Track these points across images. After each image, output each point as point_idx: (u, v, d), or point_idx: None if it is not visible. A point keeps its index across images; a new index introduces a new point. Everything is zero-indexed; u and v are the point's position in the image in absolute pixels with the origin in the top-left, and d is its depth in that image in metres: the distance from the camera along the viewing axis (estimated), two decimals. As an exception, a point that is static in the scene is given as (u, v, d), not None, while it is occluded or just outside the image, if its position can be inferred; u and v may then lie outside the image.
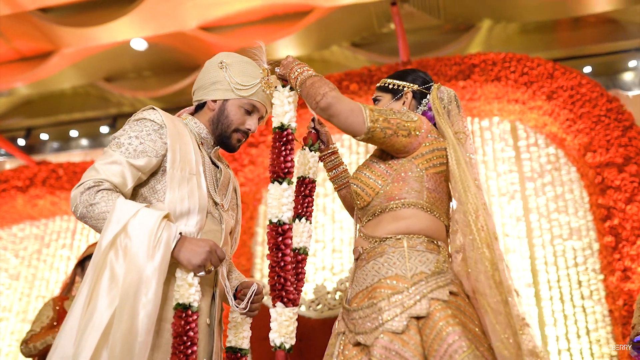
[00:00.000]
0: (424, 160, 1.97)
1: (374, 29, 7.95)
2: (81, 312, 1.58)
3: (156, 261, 1.65)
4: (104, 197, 1.71)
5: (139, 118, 1.91)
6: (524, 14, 7.56)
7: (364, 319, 1.82)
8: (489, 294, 1.75)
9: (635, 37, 7.76)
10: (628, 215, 5.48)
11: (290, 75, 1.99)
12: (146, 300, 1.61)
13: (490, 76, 6.39)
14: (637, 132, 5.83)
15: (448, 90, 2.17)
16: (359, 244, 2.03)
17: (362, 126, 1.90)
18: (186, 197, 1.83)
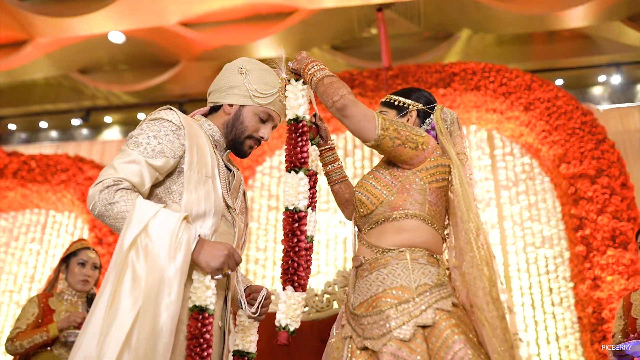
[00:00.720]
0: (428, 174, 2.05)
1: (354, 33, 8.01)
2: (104, 312, 1.56)
3: (178, 262, 1.64)
4: (123, 197, 1.70)
5: (157, 118, 1.89)
6: (502, 26, 7.72)
7: (372, 325, 1.88)
8: (486, 309, 1.84)
9: (607, 53, 8.01)
10: (599, 226, 5.67)
11: (306, 71, 2.03)
12: (169, 301, 1.61)
13: (470, 85, 6.52)
14: (609, 146, 6.04)
15: (451, 112, 2.26)
16: (360, 252, 2.09)
17: (373, 132, 1.96)
18: (202, 200, 1.83)
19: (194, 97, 8.79)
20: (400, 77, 6.75)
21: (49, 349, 3.21)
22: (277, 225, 6.85)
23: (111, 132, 9.68)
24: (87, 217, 6.87)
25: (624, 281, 5.43)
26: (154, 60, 8.43)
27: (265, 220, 6.93)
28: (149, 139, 1.82)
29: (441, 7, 7.39)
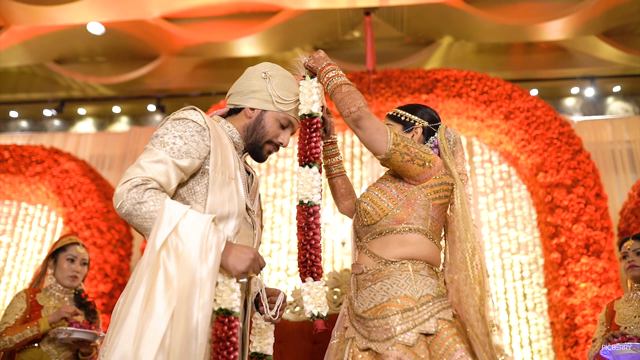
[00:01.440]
0: (432, 191, 2.12)
1: (337, 35, 8.05)
2: (139, 312, 1.56)
3: (210, 263, 1.65)
4: (152, 197, 1.69)
5: (181, 117, 1.88)
6: (482, 35, 7.86)
7: (377, 328, 1.97)
8: (476, 325, 1.97)
9: (581, 66, 8.24)
10: (574, 234, 5.83)
11: (323, 73, 2.08)
12: (203, 302, 1.61)
13: (452, 92, 6.62)
14: (585, 157, 6.21)
15: (454, 132, 2.34)
16: (362, 260, 2.16)
17: (384, 146, 2.03)
18: (226, 201, 1.83)
19: (173, 92, 8.71)
20: (384, 82, 6.81)
21: (36, 345, 3.15)
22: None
23: (85, 124, 9.52)
24: (62, 210, 6.74)
25: (597, 288, 5.59)
26: (133, 54, 8.32)
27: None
28: (174, 138, 1.81)
29: (424, 14, 7.48)
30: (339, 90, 2.03)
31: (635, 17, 7.60)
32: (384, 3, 6.90)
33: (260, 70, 2.08)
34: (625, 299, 3.27)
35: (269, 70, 2.08)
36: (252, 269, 1.74)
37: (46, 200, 7.13)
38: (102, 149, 8.21)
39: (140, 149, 8.01)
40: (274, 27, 7.60)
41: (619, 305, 3.29)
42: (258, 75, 2.07)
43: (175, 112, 1.92)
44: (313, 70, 2.11)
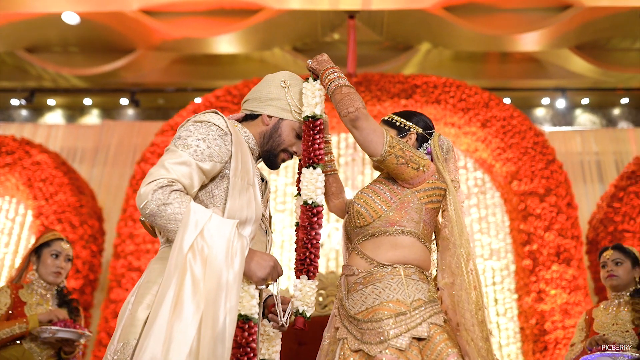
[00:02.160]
0: (425, 195, 2.16)
1: (317, 37, 8.06)
2: (168, 315, 1.56)
3: (236, 268, 1.66)
4: (177, 199, 1.68)
5: (203, 120, 1.88)
6: (460, 43, 7.98)
7: (371, 331, 1.99)
8: (472, 330, 2.03)
9: (553, 78, 8.44)
10: (546, 242, 5.98)
11: (325, 75, 2.09)
12: (230, 306, 1.62)
13: (431, 98, 6.71)
14: (558, 166, 6.38)
15: (447, 140, 2.39)
16: (354, 262, 2.18)
17: (380, 147, 2.06)
18: (245, 207, 1.84)
19: (148, 86, 8.59)
20: (364, 85, 6.85)
21: (18, 342, 3.09)
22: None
23: (53, 116, 9.31)
24: (32, 203, 6.57)
25: (566, 295, 5.74)
26: (108, 46, 8.17)
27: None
28: (198, 141, 1.81)
29: (404, 19, 7.56)
30: (339, 91, 2.05)
31: (606, 32, 7.83)
32: (366, 7, 6.96)
33: (279, 79, 2.09)
34: (604, 307, 3.37)
35: (288, 79, 2.10)
36: (271, 276, 1.76)
37: (15, 192, 6.94)
38: (74, 142, 8.04)
39: (113, 142, 7.88)
40: (254, 26, 7.57)
41: (597, 312, 3.39)
42: (277, 83, 2.09)
43: (196, 114, 1.92)
44: (316, 72, 2.12)
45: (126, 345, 1.66)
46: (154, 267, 1.79)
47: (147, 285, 1.76)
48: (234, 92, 6.82)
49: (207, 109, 6.66)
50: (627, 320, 3.19)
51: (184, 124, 1.91)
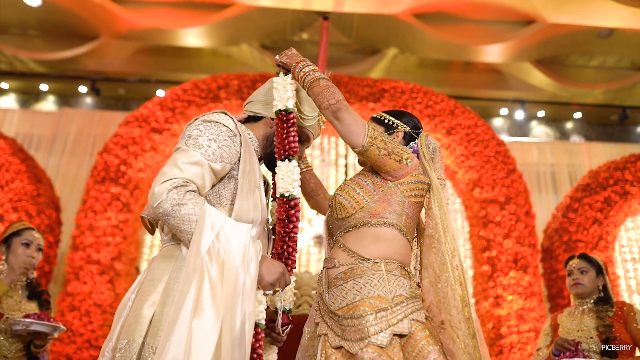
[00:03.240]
0: (408, 188, 2.15)
1: (286, 35, 8.05)
2: (189, 318, 1.55)
3: (252, 273, 1.67)
4: (192, 199, 1.68)
5: (213, 120, 1.87)
6: (426, 50, 8.12)
7: (351, 328, 1.97)
8: (459, 327, 2.02)
9: (513, 89, 8.69)
10: (504, 249, 6.15)
11: (298, 68, 2.08)
12: (249, 312, 1.63)
13: (398, 103, 6.80)
14: (518, 176, 6.56)
15: (434, 140, 2.39)
16: (335, 254, 2.16)
17: (361, 138, 2.05)
18: (252, 208, 1.85)
19: (109, 75, 8.39)
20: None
21: (-14, 334, 2.98)
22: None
23: (6, 100, 8.98)
24: (-16, 190, 6.32)
25: (522, 301, 5.92)
26: (70, 31, 7.93)
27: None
28: (209, 142, 1.81)
29: (373, 24, 7.64)
30: (317, 83, 2.03)
31: (566, 49, 8.13)
32: (338, 9, 7.00)
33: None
34: (569, 313, 3.50)
35: (294, 82, 2.10)
36: (279, 282, 1.77)
37: (-33, 178, 6.66)
38: (30, 128, 7.77)
39: (72, 131, 7.66)
40: (223, 21, 7.51)
41: (562, 318, 3.51)
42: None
43: (204, 113, 1.92)
44: (286, 66, 2.11)
45: (131, 342, 1.64)
46: (159, 265, 1.78)
47: (151, 282, 1.74)
48: (201, 87, 6.74)
49: (173, 101, 6.57)
50: (592, 327, 3.30)
51: (192, 122, 1.90)
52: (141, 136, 6.44)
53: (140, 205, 6.46)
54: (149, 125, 6.52)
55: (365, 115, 6.89)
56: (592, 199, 6.50)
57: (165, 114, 6.57)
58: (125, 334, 1.67)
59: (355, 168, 7.15)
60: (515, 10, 7.31)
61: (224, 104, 6.68)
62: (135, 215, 6.34)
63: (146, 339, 1.63)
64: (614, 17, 7.16)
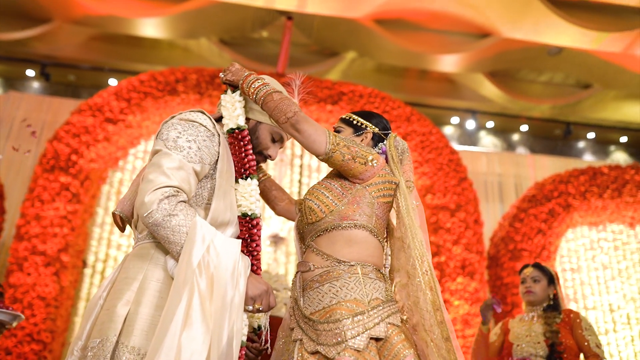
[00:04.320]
0: (377, 189, 2.16)
1: (245, 32, 8.00)
2: (179, 331, 1.54)
3: (241, 289, 1.69)
4: (183, 210, 1.67)
5: (190, 120, 1.86)
6: (385, 55, 8.23)
7: (327, 332, 1.97)
8: (431, 331, 2.05)
9: (465, 99, 8.90)
10: (453, 255, 6.30)
11: (247, 84, 2.05)
12: (237, 328, 1.64)
13: (356, 106, 6.87)
14: (468, 184, 6.74)
15: (403, 142, 2.41)
16: (309, 258, 2.17)
17: (323, 146, 2.05)
18: (228, 208, 1.85)
19: (60, 61, 8.12)
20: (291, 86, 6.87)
21: None
22: (145, 213, 6.58)
23: (-54, 80, 8.57)
24: None
25: (468, 307, 6.09)
26: (21, 12, 7.62)
27: (133, 205, 6.61)
28: (189, 143, 1.80)
29: (335, 26, 7.69)
30: (271, 98, 2.01)
31: (518, 63, 8.41)
32: (301, 9, 7.01)
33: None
34: (519, 319, 3.64)
35: (269, 83, 2.10)
36: (262, 300, 1.77)
37: None
38: (-29, 110, 7.45)
39: (19, 116, 7.36)
40: (183, 13, 7.40)
41: (513, 324, 3.64)
42: None
43: (181, 112, 1.90)
44: (233, 83, 2.09)
45: (105, 341, 1.62)
46: (133, 263, 1.75)
47: (125, 280, 1.72)
48: (159, 78, 6.62)
49: (129, 92, 6.44)
50: (540, 333, 3.45)
51: (169, 120, 1.88)
52: (94, 125, 6.28)
53: (90, 196, 6.30)
54: (103, 114, 6.36)
55: (323, 117, 6.94)
56: (538, 210, 6.75)
57: (120, 104, 6.42)
58: (97, 333, 1.64)
59: (311, 168, 7.19)
60: (473, 23, 7.50)
61: (181, 97, 6.59)
62: (85, 207, 6.18)
63: (120, 338, 1.61)
64: (564, 36, 7.45)
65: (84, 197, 6.12)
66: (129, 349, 1.59)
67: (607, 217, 7.37)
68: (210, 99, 6.64)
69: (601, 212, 7.20)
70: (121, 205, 2.10)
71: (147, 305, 1.65)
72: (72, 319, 6.02)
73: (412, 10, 7.47)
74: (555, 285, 3.62)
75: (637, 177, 7.20)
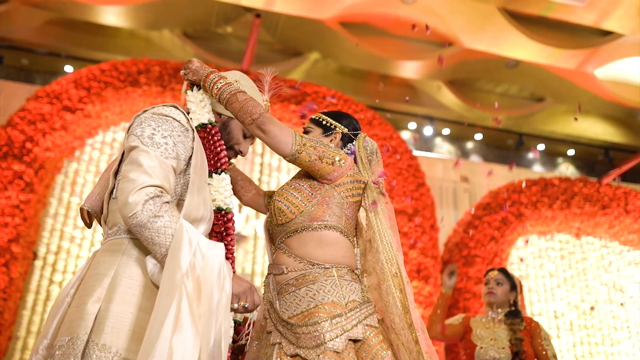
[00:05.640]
0: (345, 189, 2.19)
1: (209, 26, 7.91)
2: (170, 335, 1.53)
3: (227, 290, 1.69)
4: (167, 211, 1.66)
5: (164, 115, 1.85)
6: (347, 58, 8.28)
7: (306, 335, 1.98)
8: (402, 334, 2.09)
9: (424, 106, 9.05)
10: (409, 259, 6.41)
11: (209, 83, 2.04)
12: (224, 329, 1.65)
13: (319, 108, 6.89)
14: (426, 190, 6.87)
15: (372, 142, 2.45)
16: (280, 260, 2.18)
17: (289, 147, 2.07)
18: (201, 205, 1.84)
19: (15, 44, 7.81)
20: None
21: None
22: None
23: None
24: None
25: (422, 310, 6.20)
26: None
27: (88, 197, 6.44)
28: (165, 139, 1.79)
29: (300, 26, 7.69)
30: (235, 99, 2.01)
31: (477, 73, 8.62)
32: (269, 7, 6.98)
33: (230, 78, 2.11)
34: (482, 319, 3.72)
35: (239, 79, 2.15)
36: (247, 297, 1.77)
37: None
38: None
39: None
40: (147, 4, 7.25)
41: (475, 324, 3.72)
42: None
43: (154, 106, 1.88)
44: (195, 82, 2.09)
45: (75, 339, 1.58)
46: (104, 259, 1.73)
47: (96, 277, 1.69)
48: (121, 69, 6.47)
49: (89, 80, 6.28)
50: (504, 338, 3.55)
51: (142, 114, 1.87)
52: (51, 113, 6.09)
53: (44, 186, 6.10)
54: (61, 102, 6.17)
55: (286, 116, 6.94)
56: (492, 217, 6.94)
57: (79, 92, 6.25)
58: (66, 331, 1.61)
59: (271, 167, 7.17)
60: (436, 32, 7.64)
61: (143, 89, 6.47)
62: (39, 196, 5.99)
63: (91, 336, 1.58)
64: (523, 50, 7.68)
65: (38, 186, 5.93)
66: (100, 346, 1.56)
67: (556, 227, 7.66)
68: (172, 92, 6.54)
69: (550, 222, 7.46)
70: (89, 200, 2.06)
71: (119, 302, 1.63)
72: (20, 312, 5.82)
73: (377, 15, 7.54)
74: (517, 292, 3.74)
75: (585, 190, 7.51)
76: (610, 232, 7.85)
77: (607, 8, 6.85)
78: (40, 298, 5.91)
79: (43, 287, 5.96)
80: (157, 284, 1.67)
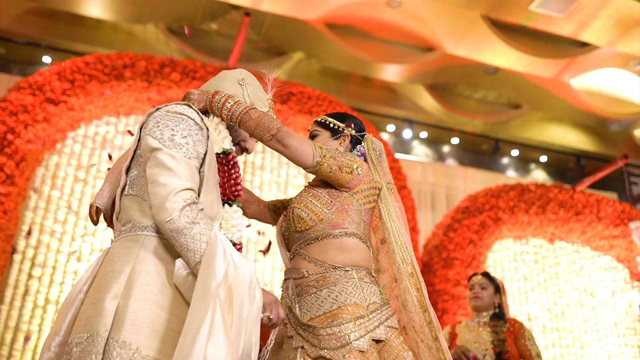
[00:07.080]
0: (363, 196, 2.24)
1: (195, 22, 7.85)
2: (205, 343, 1.53)
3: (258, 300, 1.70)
4: (203, 219, 1.67)
5: (179, 113, 1.84)
6: (331, 59, 8.32)
7: (330, 336, 2.01)
8: (422, 331, 2.15)
9: (403, 109, 9.13)
10: (390, 260, 6.48)
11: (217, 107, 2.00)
12: (255, 339, 1.65)
13: (304, 108, 6.93)
14: (408, 192, 6.96)
15: (379, 142, 2.48)
16: (301, 265, 2.21)
17: (310, 159, 2.10)
18: (215, 203, 1.85)
19: (-6, 32, 7.64)
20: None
21: None
22: (82, 199, 6.34)
23: None
24: None
25: (401, 311, 6.29)
26: (-48, -23, 7.14)
27: (69, 190, 6.35)
28: (184, 139, 1.79)
29: (285, 25, 7.70)
30: (248, 117, 1.99)
31: (456, 79, 8.77)
32: (256, 6, 6.98)
33: (236, 76, 2.12)
34: (466, 324, 3.81)
35: (245, 77, 2.14)
36: (272, 309, 1.79)
37: None
38: None
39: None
40: (133, -4, 7.18)
41: (460, 329, 3.81)
42: (234, 80, 2.12)
43: (167, 104, 1.88)
44: (202, 110, 2.02)
45: (95, 336, 1.57)
46: (119, 256, 1.72)
47: (112, 274, 1.68)
48: (105, 62, 6.39)
49: (73, 72, 6.20)
50: (487, 340, 3.64)
51: (155, 112, 1.86)
52: (34, 105, 5.98)
53: (25, 178, 5.99)
54: (44, 94, 6.07)
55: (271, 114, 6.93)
56: (470, 221, 7.07)
57: (63, 84, 6.15)
58: (84, 328, 1.60)
59: (254, 165, 7.17)
60: (419, 36, 7.74)
61: (128, 83, 6.39)
62: (19, 189, 5.87)
63: (111, 333, 1.58)
64: (502, 57, 7.84)
65: (19, 179, 5.82)
66: (120, 343, 1.56)
67: (531, 232, 7.84)
68: (158, 87, 6.48)
69: (526, 227, 7.64)
70: (100, 197, 2.05)
71: (137, 299, 1.62)
72: (-3, 307, 5.72)
73: (362, 17, 7.61)
74: (501, 295, 3.82)
75: (560, 196, 7.70)
76: (583, 238, 8.08)
77: (585, 20, 7.05)
78: (19, 292, 5.80)
79: (22, 281, 5.85)
80: (178, 285, 1.68)
